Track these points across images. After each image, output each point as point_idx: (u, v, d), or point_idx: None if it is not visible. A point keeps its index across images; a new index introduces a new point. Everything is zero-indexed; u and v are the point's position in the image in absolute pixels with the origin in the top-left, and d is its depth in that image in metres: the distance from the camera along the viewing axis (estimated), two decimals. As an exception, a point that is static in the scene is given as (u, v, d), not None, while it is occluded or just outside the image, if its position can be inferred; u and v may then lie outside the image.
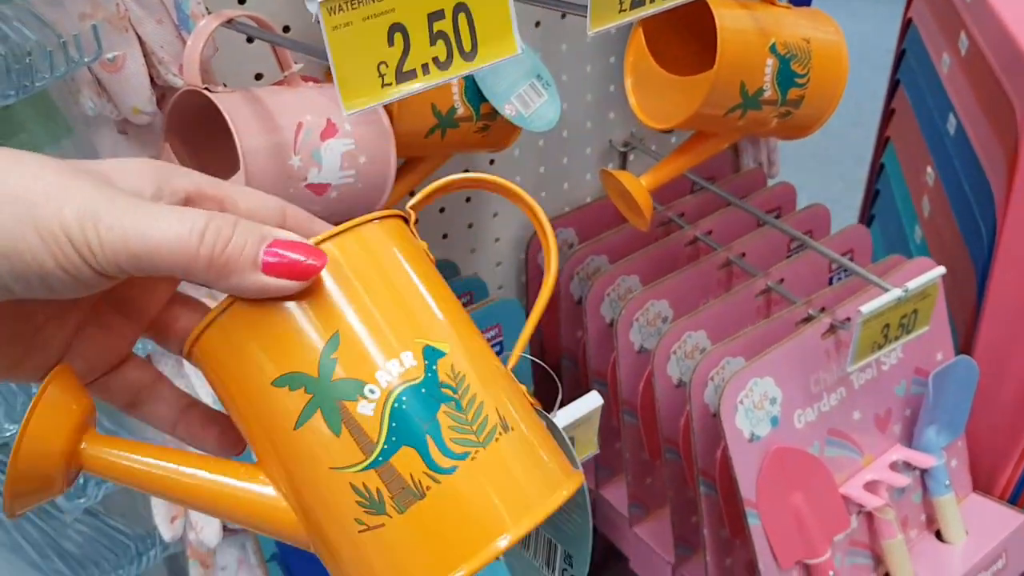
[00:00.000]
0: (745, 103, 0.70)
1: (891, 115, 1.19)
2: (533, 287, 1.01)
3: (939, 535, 0.88)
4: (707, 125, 0.75)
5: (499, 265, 0.99)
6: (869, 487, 0.81)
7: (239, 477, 0.33)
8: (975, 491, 0.91)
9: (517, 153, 0.93)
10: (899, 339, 0.76)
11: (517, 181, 0.95)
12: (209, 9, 0.61)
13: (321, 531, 0.32)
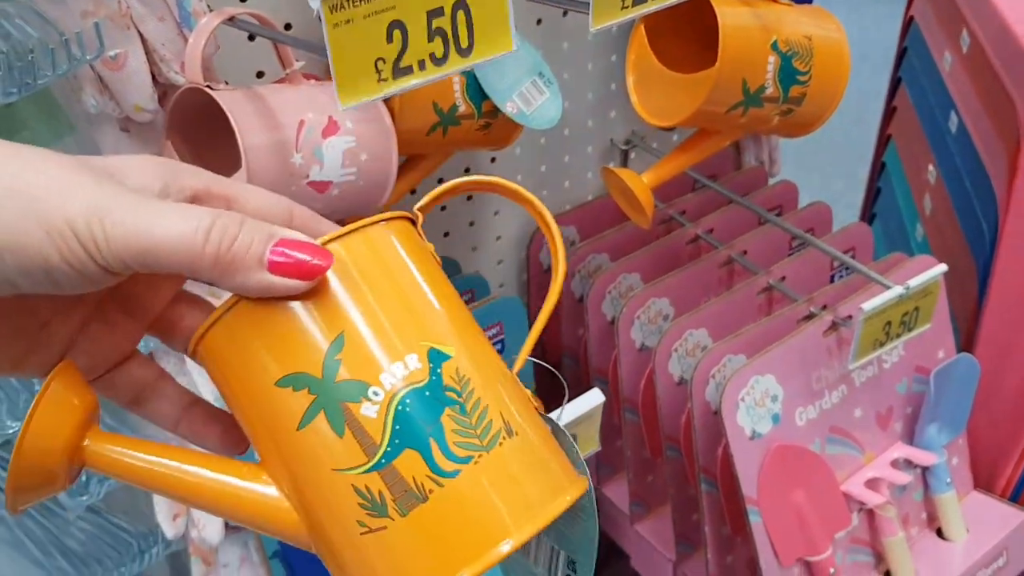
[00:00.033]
0: (747, 100, 0.70)
1: (892, 113, 1.18)
2: (534, 285, 1.01)
3: (940, 533, 0.88)
4: (709, 123, 0.75)
5: (500, 263, 0.99)
6: (870, 485, 0.81)
7: (241, 476, 0.32)
8: (976, 489, 0.91)
9: (518, 151, 0.93)
10: (900, 337, 0.76)
11: (518, 179, 0.95)
12: (211, 7, 0.61)
13: (323, 532, 0.32)
